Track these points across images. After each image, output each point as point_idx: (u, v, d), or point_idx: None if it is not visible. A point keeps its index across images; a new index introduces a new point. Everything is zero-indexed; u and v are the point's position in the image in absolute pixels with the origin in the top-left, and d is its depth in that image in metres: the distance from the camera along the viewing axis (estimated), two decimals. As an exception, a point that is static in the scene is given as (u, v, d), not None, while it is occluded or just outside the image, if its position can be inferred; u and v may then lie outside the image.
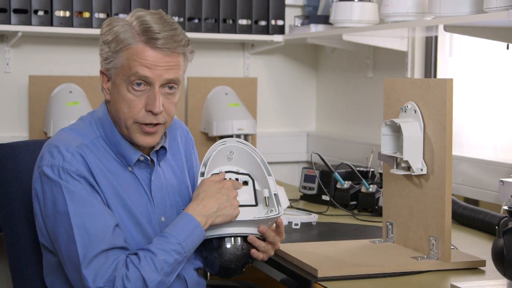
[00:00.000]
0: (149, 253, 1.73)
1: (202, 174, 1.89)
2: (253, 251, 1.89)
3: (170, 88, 1.82)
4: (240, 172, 1.93)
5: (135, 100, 1.80)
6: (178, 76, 1.82)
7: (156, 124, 1.82)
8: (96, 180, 1.79)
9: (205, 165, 1.90)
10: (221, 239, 1.87)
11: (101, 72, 1.86)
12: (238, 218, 1.84)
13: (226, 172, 1.91)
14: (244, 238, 1.88)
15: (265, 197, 1.89)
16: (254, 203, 1.90)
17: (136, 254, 1.74)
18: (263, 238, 1.91)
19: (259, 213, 1.89)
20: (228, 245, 1.87)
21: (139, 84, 1.79)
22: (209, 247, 1.88)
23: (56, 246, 1.78)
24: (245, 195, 1.90)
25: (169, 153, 1.97)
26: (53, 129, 3.26)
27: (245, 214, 1.86)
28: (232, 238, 1.87)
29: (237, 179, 1.91)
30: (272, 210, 1.88)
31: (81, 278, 1.69)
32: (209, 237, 1.86)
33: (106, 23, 1.85)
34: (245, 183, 1.92)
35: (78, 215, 1.73)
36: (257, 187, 1.92)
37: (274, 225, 1.93)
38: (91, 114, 1.92)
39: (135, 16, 1.82)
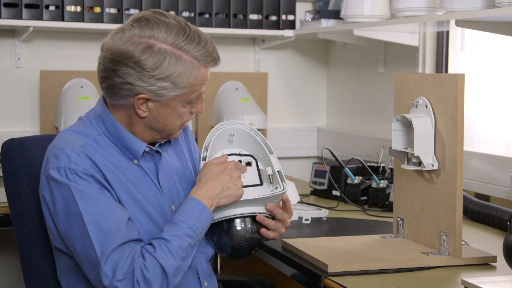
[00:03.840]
0: (163, 241, 1.74)
1: (204, 159, 1.91)
2: (263, 230, 1.90)
3: None
4: (242, 153, 1.94)
5: (187, 112, 1.86)
6: None
7: None
8: (105, 177, 1.79)
9: (206, 149, 1.91)
10: (231, 221, 1.88)
11: (142, 98, 1.79)
12: (244, 198, 1.85)
13: (229, 155, 1.93)
14: (253, 218, 1.89)
15: (269, 175, 1.90)
16: (259, 183, 1.91)
17: (150, 244, 1.75)
18: (272, 217, 1.92)
19: (264, 191, 1.90)
20: (238, 227, 1.88)
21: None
22: (219, 231, 1.90)
23: (71, 248, 1.78)
24: (249, 175, 1.91)
25: (171, 141, 1.98)
26: (64, 123, 3.27)
27: (251, 193, 1.87)
28: (241, 219, 1.88)
29: (240, 161, 1.92)
30: (277, 187, 1.90)
31: (100, 275, 1.70)
32: (218, 220, 1.87)
33: (147, 53, 1.75)
34: (249, 164, 1.93)
35: (90, 213, 1.73)
36: (260, 166, 1.93)
37: (281, 203, 1.94)
38: (89, 113, 1.92)
39: (181, 36, 1.77)
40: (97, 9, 3.35)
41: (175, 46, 1.76)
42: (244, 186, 1.87)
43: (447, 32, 3.14)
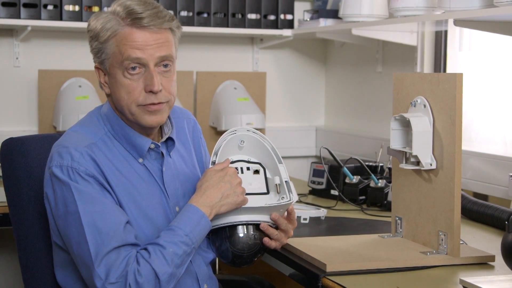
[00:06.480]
0: (158, 246, 1.74)
1: (213, 163, 1.90)
2: (265, 239, 1.90)
3: (165, 66, 1.83)
4: (251, 161, 1.94)
5: (132, 84, 1.81)
6: (171, 53, 1.83)
7: (159, 103, 1.82)
8: (107, 179, 1.79)
9: (216, 154, 1.91)
10: (234, 228, 1.88)
11: (96, 68, 1.87)
12: (249, 205, 1.85)
13: (237, 161, 1.92)
14: (257, 226, 1.89)
15: (276, 185, 1.90)
16: (265, 191, 1.91)
17: (145, 249, 1.75)
18: (275, 226, 1.92)
19: (270, 200, 1.90)
20: (241, 234, 1.88)
21: (134, 68, 1.80)
22: (222, 237, 1.89)
23: (68, 246, 1.79)
24: (256, 183, 1.91)
25: (178, 143, 1.97)
26: (62, 123, 3.27)
27: (256, 201, 1.87)
28: (245, 227, 1.88)
29: (248, 168, 1.92)
30: (283, 197, 1.89)
31: (94, 276, 1.70)
32: (221, 226, 1.87)
33: (91, 19, 1.86)
34: (257, 172, 1.93)
35: (88, 214, 1.73)
36: (268, 175, 1.93)
37: (286, 213, 1.94)
38: (99, 110, 1.93)
39: (117, 3, 1.83)
40: (96, 9, 3.35)
41: (112, 12, 1.81)
42: (250, 194, 1.86)
43: (446, 32, 3.14)
